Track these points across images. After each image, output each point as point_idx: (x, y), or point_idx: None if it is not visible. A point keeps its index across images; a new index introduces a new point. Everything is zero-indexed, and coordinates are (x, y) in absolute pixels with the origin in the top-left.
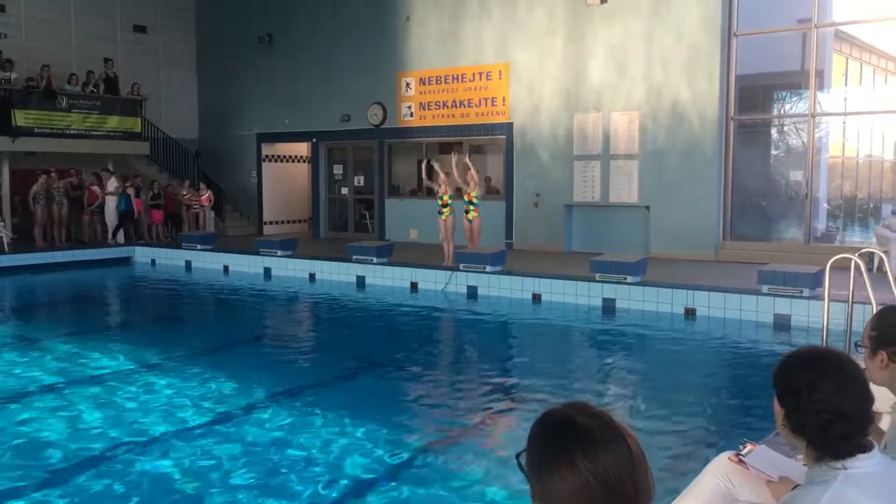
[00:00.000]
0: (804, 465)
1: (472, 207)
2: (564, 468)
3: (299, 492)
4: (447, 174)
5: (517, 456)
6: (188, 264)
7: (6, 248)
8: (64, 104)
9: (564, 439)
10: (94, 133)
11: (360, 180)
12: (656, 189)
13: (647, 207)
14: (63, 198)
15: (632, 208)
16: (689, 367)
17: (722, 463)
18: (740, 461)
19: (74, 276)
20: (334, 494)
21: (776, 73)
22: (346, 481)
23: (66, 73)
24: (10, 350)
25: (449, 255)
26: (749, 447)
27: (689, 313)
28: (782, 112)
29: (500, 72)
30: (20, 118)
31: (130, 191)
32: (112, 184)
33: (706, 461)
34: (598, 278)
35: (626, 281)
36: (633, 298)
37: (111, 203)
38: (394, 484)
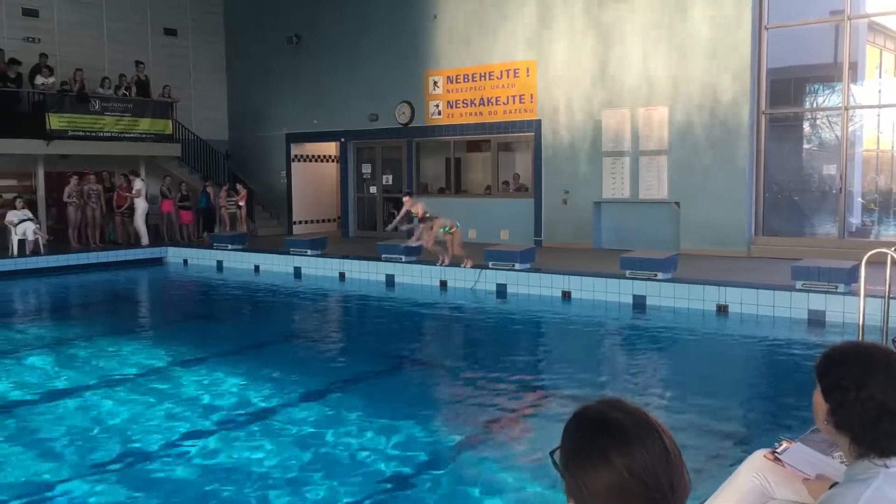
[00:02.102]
0: (842, 462)
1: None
2: (599, 465)
3: (332, 488)
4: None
5: (551, 453)
6: (220, 264)
7: (42, 250)
8: (97, 107)
9: (599, 436)
10: (126, 135)
11: (388, 179)
12: (686, 185)
13: (677, 203)
14: (96, 200)
15: (661, 204)
16: (721, 364)
17: (757, 460)
18: (776, 459)
19: (109, 276)
20: (366, 491)
21: (808, 66)
22: (378, 478)
23: (99, 77)
24: (48, 349)
25: (452, 258)
26: (785, 444)
27: (721, 310)
28: (815, 105)
29: (527, 69)
30: (54, 121)
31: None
32: (137, 185)
33: (740, 459)
34: (628, 275)
35: (657, 277)
36: (664, 295)
37: (140, 205)
38: (425, 480)
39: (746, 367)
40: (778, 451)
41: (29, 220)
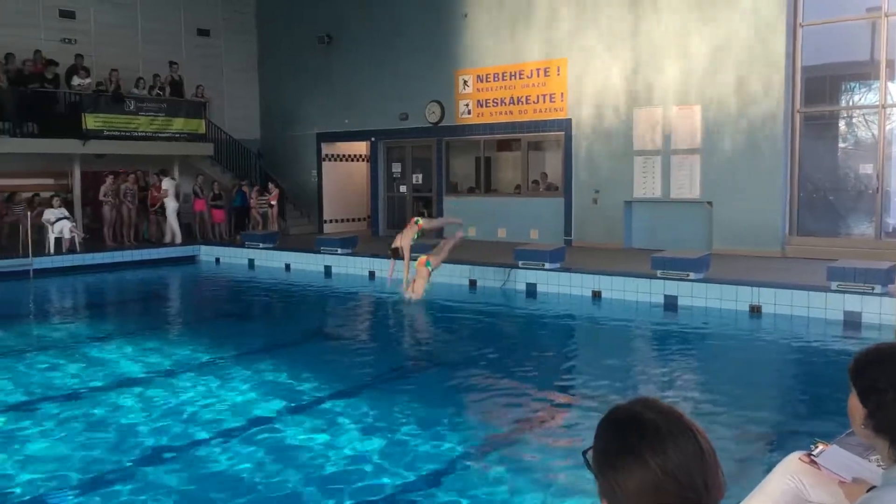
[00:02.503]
0: (880, 465)
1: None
2: (633, 464)
3: (360, 486)
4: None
5: (584, 453)
6: (251, 263)
7: (78, 248)
8: (131, 107)
9: (632, 435)
10: (160, 135)
11: (418, 178)
12: (719, 184)
13: (710, 203)
14: (132, 199)
15: (694, 204)
16: (754, 365)
17: (792, 463)
18: (812, 461)
19: (143, 274)
20: (393, 489)
21: (844, 64)
22: (406, 476)
23: (134, 77)
24: (83, 346)
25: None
26: (821, 447)
27: (755, 311)
28: (851, 104)
29: (558, 68)
30: (90, 121)
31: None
32: (165, 185)
33: (773, 462)
34: (659, 275)
35: (689, 278)
36: (696, 295)
37: (169, 204)
38: (454, 479)
39: (780, 368)
40: (814, 453)
41: (65, 218)
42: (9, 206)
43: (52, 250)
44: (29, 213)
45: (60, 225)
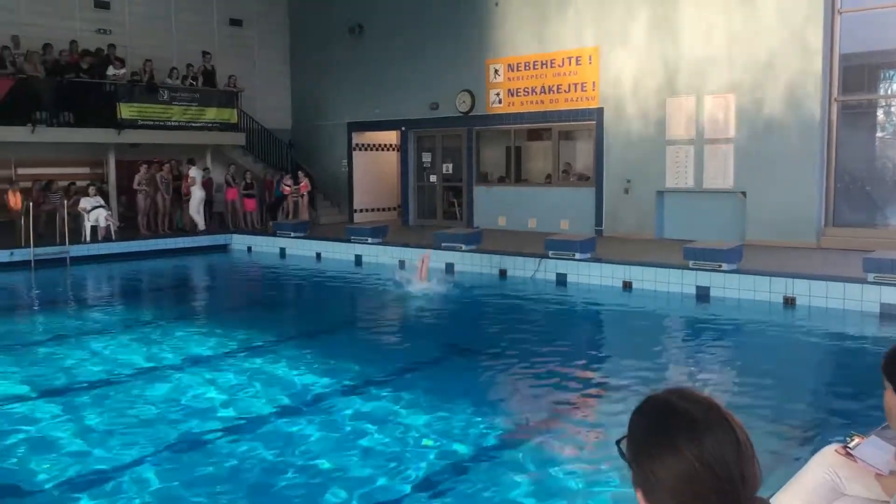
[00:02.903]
0: None
1: None
2: (668, 454)
3: (388, 474)
4: None
5: (617, 442)
6: (282, 251)
7: (113, 236)
8: (165, 97)
9: (667, 425)
10: (192, 125)
11: (448, 168)
12: (753, 174)
13: (744, 193)
14: (166, 187)
15: (727, 194)
16: (788, 357)
17: (828, 455)
18: (847, 454)
19: (176, 262)
20: (420, 478)
21: (883, 52)
22: (433, 465)
23: (167, 67)
24: (117, 332)
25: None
26: (857, 440)
27: (789, 302)
28: (889, 92)
29: (589, 56)
30: (125, 111)
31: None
32: (191, 173)
33: (808, 454)
34: (691, 266)
35: (721, 268)
36: (729, 286)
37: (195, 193)
38: (483, 468)
39: (815, 360)
40: (850, 446)
41: (101, 207)
42: (46, 195)
43: (87, 238)
44: (65, 202)
45: (96, 213)
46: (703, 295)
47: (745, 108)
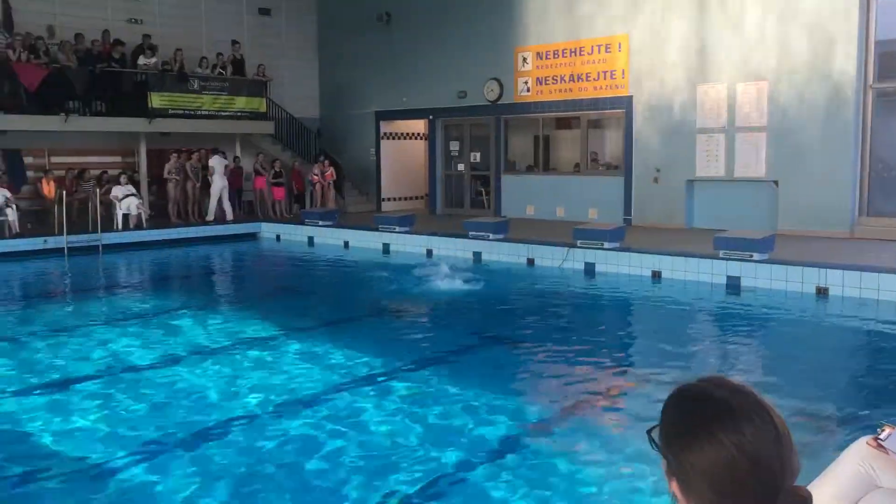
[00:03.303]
0: None
1: None
2: (706, 442)
3: (420, 462)
4: None
5: (649, 432)
6: (311, 240)
7: (144, 224)
8: (195, 86)
9: (705, 412)
10: (222, 114)
11: (476, 156)
12: (786, 162)
13: (776, 182)
14: (195, 176)
15: (758, 183)
16: (821, 348)
17: (861, 447)
18: (879, 445)
19: (206, 250)
20: (450, 467)
21: None
22: (462, 453)
23: (197, 57)
24: (150, 318)
25: None
26: (888, 430)
27: (821, 293)
28: None
29: (619, 44)
30: (156, 100)
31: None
32: (211, 162)
33: (842, 446)
34: (721, 255)
35: (753, 258)
36: (760, 276)
37: (215, 182)
38: (511, 456)
39: (848, 351)
40: (881, 437)
41: (132, 195)
42: (79, 183)
43: (119, 226)
44: (98, 190)
45: (128, 202)
46: (733, 285)
47: (779, 96)
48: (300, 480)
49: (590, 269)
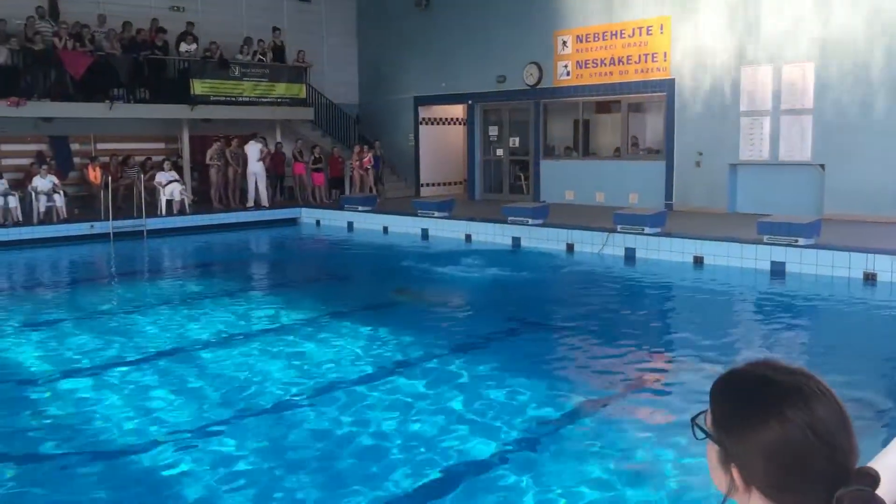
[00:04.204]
0: None
1: None
2: (776, 423)
3: (455, 447)
4: None
5: (693, 419)
6: (350, 225)
7: (187, 210)
8: (236, 73)
9: (771, 393)
10: (262, 100)
11: (515, 141)
12: (832, 146)
13: (822, 166)
14: (237, 162)
15: (804, 167)
16: (868, 335)
17: None
18: None
19: (248, 235)
20: (488, 452)
21: None
22: (505, 438)
23: (238, 44)
24: (195, 301)
25: None
26: None
27: (869, 278)
28: None
29: (661, 26)
30: (198, 87)
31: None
32: (248, 148)
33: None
34: (765, 241)
35: (798, 243)
36: (805, 262)
37: (252, 167)
38: (549, 443)
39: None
40: None
41: (175, 181)
42: (123, 170)
43: (163, 212)
44: (142, 177)
45: (171, 187)
46: (777, 271)
47: (825, 77)
48: (343, 461)
49: (630, 255)
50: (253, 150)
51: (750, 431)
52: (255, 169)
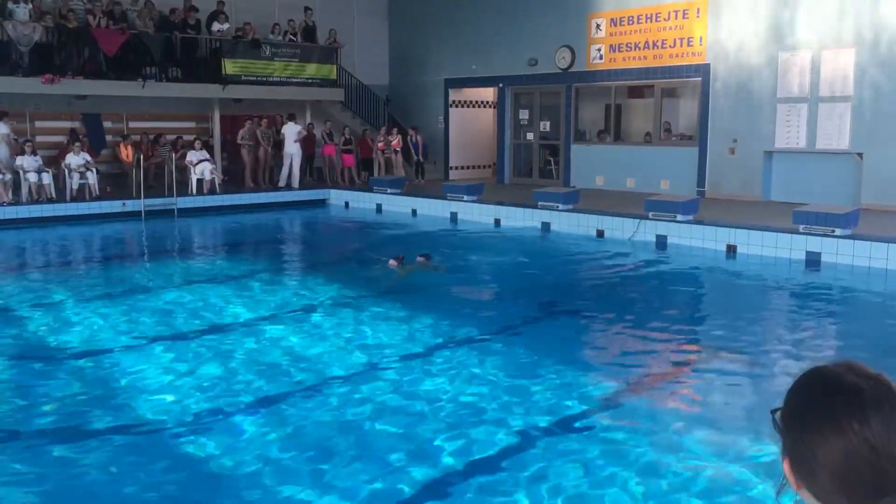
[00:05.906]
0: None
1: None
2: (827, 429)
3: (483, 434)
4: None
5: (773, 412)
6: (378, 207)
7: (218, 189)
8: (267, 53)
9: (831, 398)
10: (293, 80)
11: (545, 125)
12: (872, 134)
13: (860, 154)
14: (268, 142)
15: (842, 155)
16: None
17: None
18: None
19: (277, 215)
20: (516, 439)
21: None
22: (535, 424)
23: (270, 24)
24: (224, 280)
25: None
26: None
27: None
28: None
29: (697, 9)
30: (229, 67)
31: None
32: (284, 129)
33: None
34: (801, 230)
35: (834, 233)
36: (842, 252)
37: (289, 149)
38: (575, 432)
39: None
40: None
41: (206, 160)
42: (155, 148)
43: (194, 191)
44: (173, 155)
45: (202, 167)
46: (813, 261)
47: (865, 64)
48: (372, 443)
49: (661, 242)
50: (292, 130)
51: (805, 434)
52: (292, 150)
